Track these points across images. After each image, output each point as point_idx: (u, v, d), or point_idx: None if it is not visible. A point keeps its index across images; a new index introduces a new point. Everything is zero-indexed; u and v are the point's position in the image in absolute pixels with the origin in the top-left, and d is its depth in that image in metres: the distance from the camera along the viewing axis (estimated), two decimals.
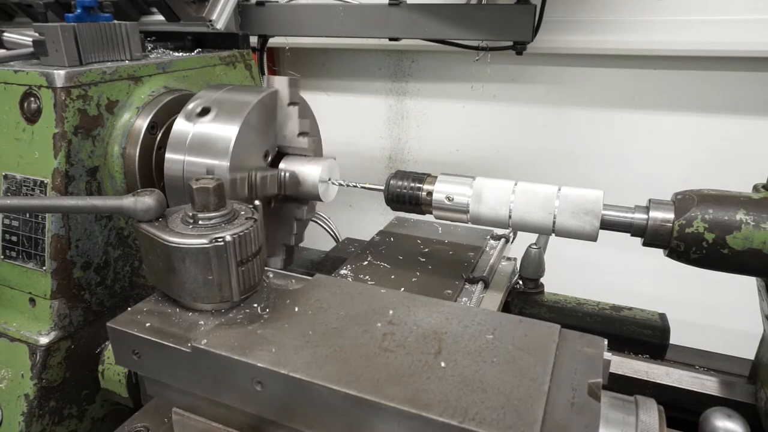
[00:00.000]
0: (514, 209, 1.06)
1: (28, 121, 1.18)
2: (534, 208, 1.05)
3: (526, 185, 1.08)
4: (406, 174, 1.18)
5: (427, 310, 0.87)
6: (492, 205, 1.08)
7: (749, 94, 1.96)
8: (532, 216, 1.05)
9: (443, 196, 1.12)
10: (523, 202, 1.06)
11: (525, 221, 1.07)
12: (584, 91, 2.18)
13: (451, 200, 1.11)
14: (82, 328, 1.23)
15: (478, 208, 1.09)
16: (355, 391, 0.70)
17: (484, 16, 1.67)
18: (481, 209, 1.09)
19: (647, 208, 0.99)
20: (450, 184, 1.13)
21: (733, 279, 1.00)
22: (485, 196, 1.09)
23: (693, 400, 1.07)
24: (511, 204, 1.07)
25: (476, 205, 1.09)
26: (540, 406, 0.67)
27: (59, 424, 1.21)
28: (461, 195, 1.10)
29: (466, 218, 1.12)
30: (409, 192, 1.16)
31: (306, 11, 1.86)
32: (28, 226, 1.19)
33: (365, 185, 1.26)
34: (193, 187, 0.88)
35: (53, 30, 1.20)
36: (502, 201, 1.07)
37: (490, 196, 1.08)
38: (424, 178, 1.16)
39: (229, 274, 0.85)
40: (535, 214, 1.05)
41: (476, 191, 1.09)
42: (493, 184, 1.09)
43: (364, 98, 2.61)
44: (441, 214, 1.14)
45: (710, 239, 0.93)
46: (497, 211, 1.08)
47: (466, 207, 1.10)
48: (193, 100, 1.23)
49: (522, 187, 1.07)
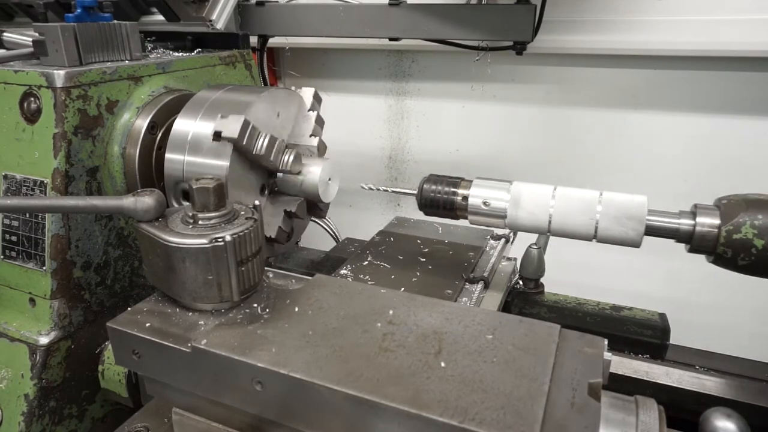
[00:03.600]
0: (554, 214, 1.03)
1: (28, 121, 1.18)
2: (575, 213, 1.02)
3: (566, 190, 1.05)
4: (439, 178, 1.15)
5: (427, 310, 0.87)
6: (531, 209, 1.05)
7: (749, 94, 1.96)
8: (574, 221, 1.02)
9: (480, 200, 1.09)
10: (563, 206, 1.03)
11: (565, 226, 1.03)
12: (584, 91, 2.18)
13: (487, 205, 1.08)
14: (82, 328, 1.23)
15: (516, 213, 1.06)
16: (355, 391, 0.70)
17: (484, 16, 1.67)
18: (519, 214, 1.06)
19: (693, 214, 0.96)
20: (486, 188, 1.09)
21: (733, 279, 0.99)
22: (524, 201, 1.06)
23: (693, 400, 1.07)
24: (551, 209, 1.03)
25: (514, 210, 1.06)
26: (540, 406, 0.67)
27: (59, 424, 1.21)
28: (498, 200, 1.07)
29: (503, 223, 1.09)
30: (444, 197, 1.12)
31: (306, 11, 1.86)
32: (28, 226, 1.19)
33: (396, 189, 1.23)
34: (193, 187, 0.88)
35: (53, 30, 1.20)
36: (541, 206, 1.04)
37: (528, 201, 1.05)
38: (459, 183, 1.13)
39: (229, 274, 0.85)
40: (576, 219, 1.02)
41: (514, 196, 1.06)
42: (531, 189, 1.07)
43: (364, 98, 2.61)
44: (477, 219, 1.11)
45: (760, 246, 0.90)
46: (536, 216, 1.05)
47: (504, 212, 1.07)
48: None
49: (562, 191, 1.05)
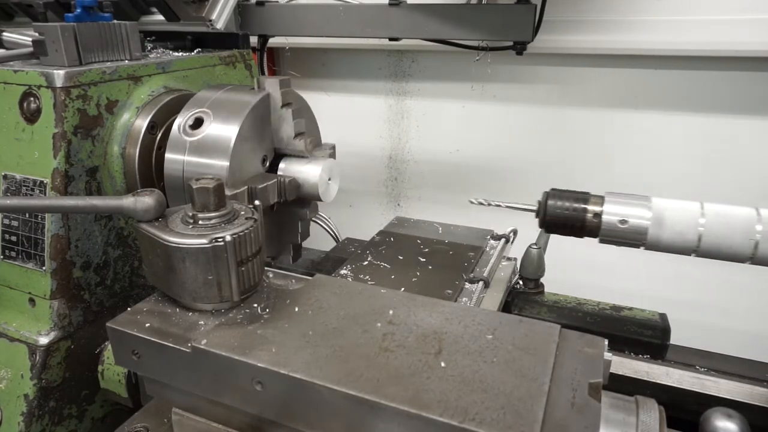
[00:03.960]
0: (705, 234, 0.94)
1: (28, 121, 1.18)
2: (731, 233, 0.93)
3: (717, 207, 0.96)
4: (563, 193, 1.06)
5: (427, 310, 0.87)
6: (678, 230, 0.96)
7: (749, 94, 1.96)
8: (729, 242, 0.94)
9: (616, 219, 0.99)
10: (716, 225, 0.94)
11: (719, 248, 0.95)
12: (584, 91, 2.18)
13: (625, 224, 0.99)
14: (81, 328, 1.23)
15: (659, 233, 0.97)
16: (355, 391, 0.70)
17: (484, 16, 1.67)
18: (663, 234, 0.97)
19: None
20: (623, 205, 1.00)
21: (733, 279, 0.99)
22: (668, 220, 0.97)
23: (693, 400, 1.07)
24: (701, 228, 0.95)
25: (657, 230, 0.97)
26: (540, 406, 0.67)
27: (59, 424, 1.20)
28: (638, 218, 0.98)
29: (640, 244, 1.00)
30: (572, 214, 1.03)
31: (306, 11, 1.86)
32: (27, 226, 1.19)
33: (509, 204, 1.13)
34: (193, 187, 0.88)
35: (53, 30, 1.20)
36: (689, 225, 0.95)
37: (675, 220, 0.96)
38: (588, 198, 1.04)
39: (229, 274, 0.85)
40: (732, 239, 0.93)
41: (657, 214, 0.97)
42: (676, 206, 0.98)
43: (364, 98, 2.61)
44: (611, 239, 1.02)
45: None
46: (684, 237, 0.96)
47: (644, 231, 0.98)
48: (194, 104, 1.23)
49: (712, 208, 0.96)
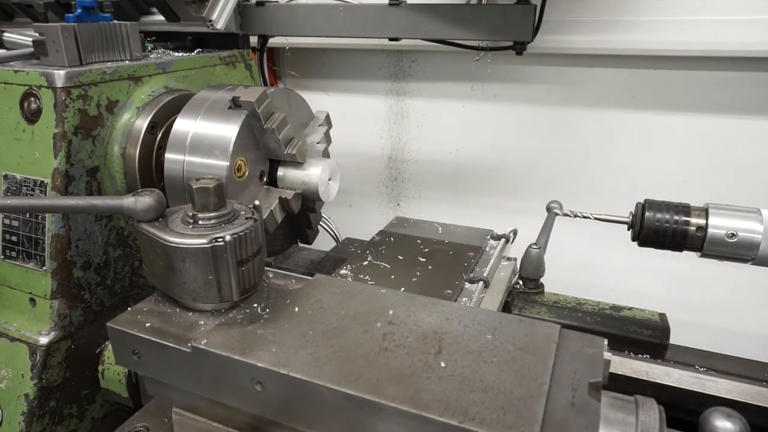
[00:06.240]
0: None
1: (28, 121, 1.18)
2: None
3: None
4: (660, 205, 1.01)
5: (427, 310, 0.87)
6: None
7: (749, 94, 1.96)
8: None
9: (723, 232, 0.95)
10: None
11: None
12: (584, 91, 2.18)
13: (733, 237, 0.94)
14: (82, 328, 1.23)
15: None
16: (355, 391, 0.70)
17: (484, 16, 1.67)
18: None
19: None
20: (730, 218, 0.95)
21: (733, 279, 0.99)
22: None
23: (693, 400, 1.07)
24: None
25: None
26: (540, 406, 0.67)
27: (59, 424, 1.21)
28: (749, 231, 0.93)
29: (749, 258, 0.95)
30: (673, 227, 0.98)
31: (306, 11, 1.86)
32: (28, 226, 1.19)
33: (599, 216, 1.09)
34: (193, 187, 0.88)
35: (53, 30, 1.20)
36: None
37: None
38: (689, 210, 0.99)
39: (229, 274, 0.85)
40: None
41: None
42: None
43: (364, 98, 2.61)
44: (716, 253, 0.97)
45: None
46: None
47: (756, 245, 0.93)
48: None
49: None
